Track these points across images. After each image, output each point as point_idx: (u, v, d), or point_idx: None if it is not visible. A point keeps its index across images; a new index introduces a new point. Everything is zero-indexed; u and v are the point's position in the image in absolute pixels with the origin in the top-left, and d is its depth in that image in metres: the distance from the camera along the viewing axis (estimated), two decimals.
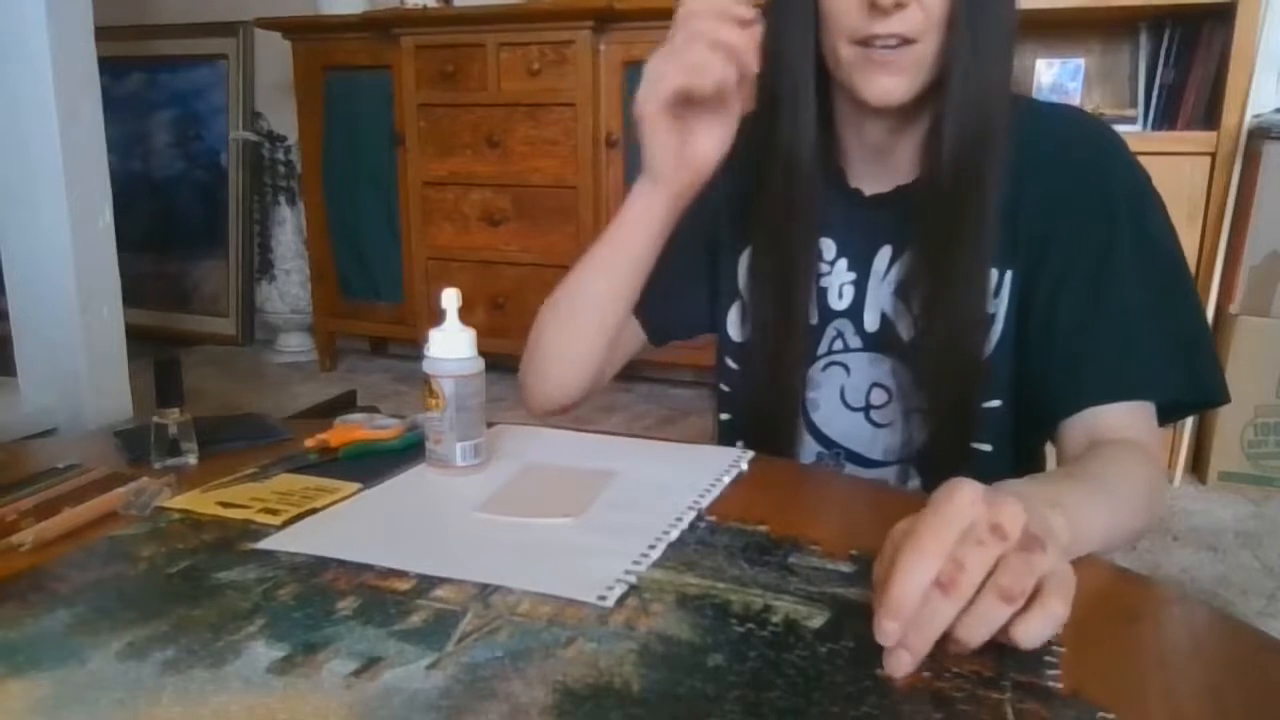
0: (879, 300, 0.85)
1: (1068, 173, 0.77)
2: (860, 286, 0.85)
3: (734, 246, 0.90)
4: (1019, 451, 0.83)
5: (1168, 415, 0.77)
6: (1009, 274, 0.79)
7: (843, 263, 0.86)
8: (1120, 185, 0.77)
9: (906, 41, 0.72)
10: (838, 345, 0.87)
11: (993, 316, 0.80)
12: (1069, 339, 0.76)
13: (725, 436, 0.94)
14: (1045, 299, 0.77)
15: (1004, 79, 0.76)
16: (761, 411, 0.89)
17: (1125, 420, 0.73)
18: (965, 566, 0.45)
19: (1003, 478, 0.58)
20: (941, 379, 0.80)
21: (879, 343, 0.85)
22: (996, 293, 0.79)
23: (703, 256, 0.92)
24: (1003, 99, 0.76)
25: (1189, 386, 0.76)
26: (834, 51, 0.76)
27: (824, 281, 0.87)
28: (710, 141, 0.76)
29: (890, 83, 0.74)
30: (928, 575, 0.45)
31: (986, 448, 0.82)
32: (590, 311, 0.85)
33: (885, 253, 0.84)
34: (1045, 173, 0.77)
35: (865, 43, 0.73)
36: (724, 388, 0.94)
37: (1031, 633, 0.46)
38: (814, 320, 0.87)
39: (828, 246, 0.87)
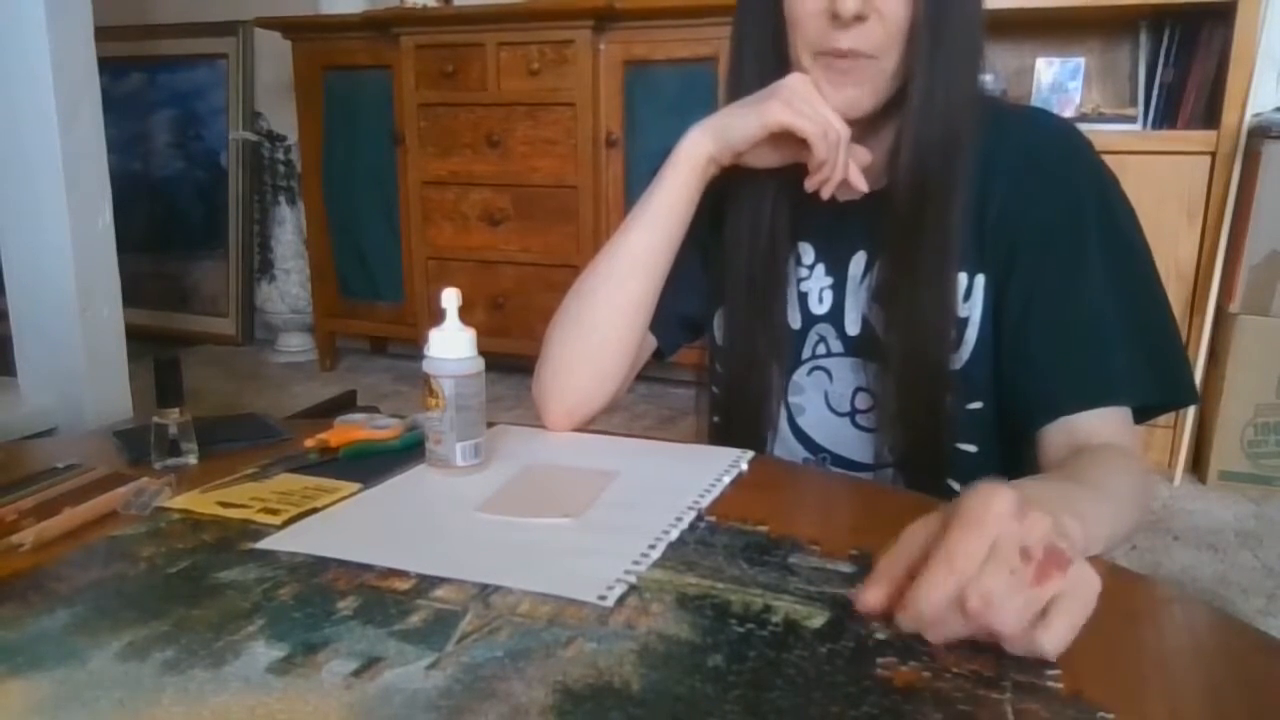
0: (859, 304, 0.85)
1: (1034, 177, 0.77)
2: (839, 291, 0.86)
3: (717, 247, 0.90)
4: (1005, 452, 0.83)
5: (1139, 416, 0.78)
6: (980, 278, 0.79)
7: (820, 267, 0.87)
8: (1086, 188, 0.77)
9: (867, 57, 0.73)
10: (820, 350, 0.87)
11: (966, 320, 0.80)
12: (1043, 346, 0.76)
13: (715, 438, 0.94)
14: (1018, 305, 0.77)
15: (969, 89, 0.77)
16: (740, 414, 0.89)
17: (1103, 425, 0.73)
18: (992, 603, 0.44)
19: (992, 479, 0.58)
20: (912, 383, 0.80)
21: (860, 347, 0.85)
22: (968, 296, 0.79)
23: (697, 255, 0.92)
24: (967, 109, 0.76)
25: (1161, 390, 0.76)
26: (798, 61, 0.77)
27: (804, 286, 0.87)
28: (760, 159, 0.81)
29: (855, 94, 0.76)
30: (953, 591, 0.45)
31: (972, 449, 0.82)
32: (623, 296, 0.84)
33: (860, 258, 0.85)
34: (1012, 177, 0.77)
35: (826, 55, 0.74)
36: (715, 389, 0.94)
37: (1032, 648, 0.46)
38: (796, 325, 0.87)
39: (806, 250, 0.87)
